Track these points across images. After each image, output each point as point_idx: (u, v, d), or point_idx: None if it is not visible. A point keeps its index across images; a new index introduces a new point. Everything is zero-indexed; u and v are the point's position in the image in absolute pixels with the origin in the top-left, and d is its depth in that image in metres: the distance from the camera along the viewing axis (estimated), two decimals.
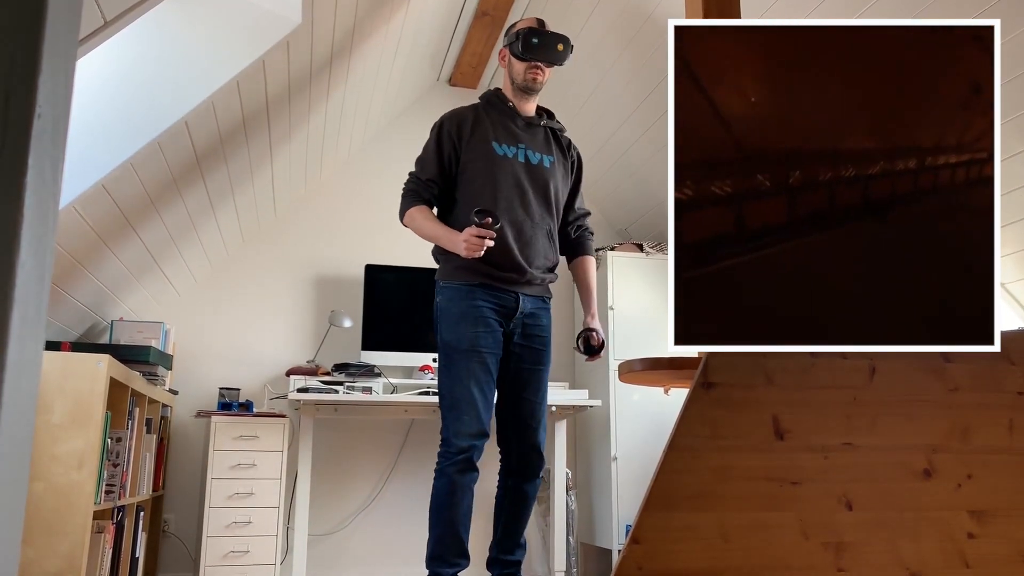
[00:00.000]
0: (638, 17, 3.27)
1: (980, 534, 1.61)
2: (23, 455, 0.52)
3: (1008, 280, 3.09)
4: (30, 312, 0.50)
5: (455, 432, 2.21)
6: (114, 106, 2.24)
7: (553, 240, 2.43)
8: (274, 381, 3.85)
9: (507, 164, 2.35)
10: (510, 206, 2.32)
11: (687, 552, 1.50)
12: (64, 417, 2.30)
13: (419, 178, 2.40)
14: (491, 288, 2.29)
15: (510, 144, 2.38)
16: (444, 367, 2.28)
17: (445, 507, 2.21)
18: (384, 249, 4.08)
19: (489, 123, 2.40)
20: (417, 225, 2.36)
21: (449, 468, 2.21)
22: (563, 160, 2.50)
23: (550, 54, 2.37)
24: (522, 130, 2.43)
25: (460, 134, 2.38)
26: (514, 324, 2.33)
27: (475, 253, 2.16)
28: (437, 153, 2.38)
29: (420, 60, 4.05)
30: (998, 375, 1.74)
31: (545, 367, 2.39)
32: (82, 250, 2.58)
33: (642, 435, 3.82)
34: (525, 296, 2.35)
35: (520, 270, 2.31)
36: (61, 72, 0.53)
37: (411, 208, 2.37)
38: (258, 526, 3.24)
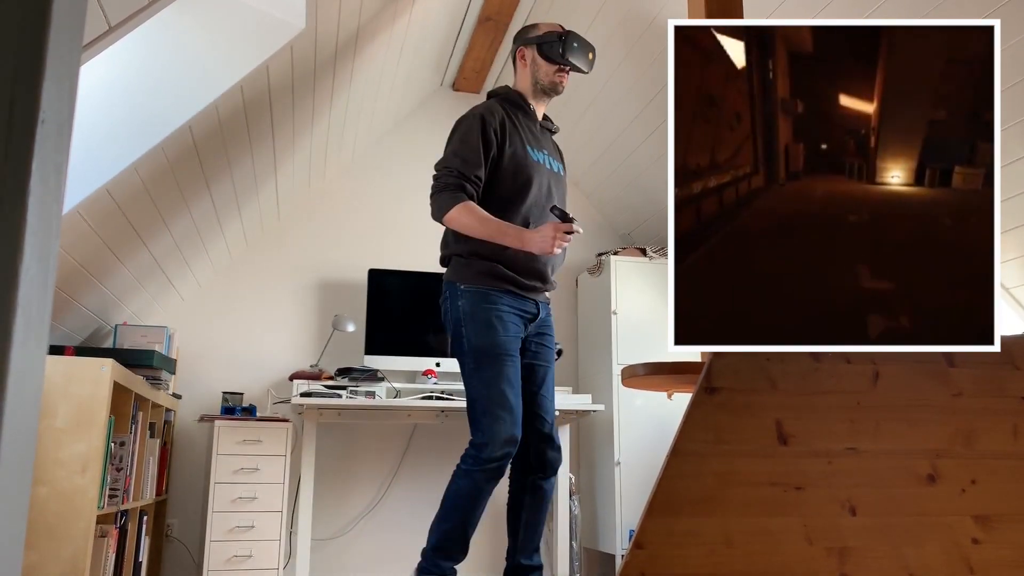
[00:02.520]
0: (640, 23, 3.27)
1: (985, 539, 1.60)
2: (26, 459, 0.52)
3: (1012, 285, 3.09)
4: (34, 317, 0.50)
5: (491, 438, 2.13)
6: (118, 110, 2.24)
7: None
8: (277, 385, 3.85)
9: (539, 169, 2.33)
10: (541, 212, 2.30)
11: (690, 557, 1.49)
12: (68, 421, 2.31)
13: (460, 172, 2.20)
14: (515, 295, 2.27)
15: (537, 148, 2.36)
16: (475, 371, 2.20)
17: (464, 508, 2.16)
18: (388, 253, 4.09)
19: (519, 124, 2.36)
20: (470, 221, 2.18)
21: (479, 474, 2.13)
22: (563, 167, 2.53)
23: (584, 60, 2.39)
24: (540, 135, 2.43)
25: (502, 131, 2.27)
26: (533, 329, 2.35)
27: (553, 251, 2.11)
28: (483, 145, 2.23)
29: (423, 65, 4.06)
30: (1002, 380, 1.73)
31: (552, 364, 2.43)
32: (86, 255, 2.59)
33: (645, 440, 3.81)
34: (541, 303, 2.38)
35: (544, 279, 2.33)
36: (65, 78, 0.54)
37: (458, 204, 2.18)
38: (261, 530, 3.24)
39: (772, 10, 2.77)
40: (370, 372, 3.68)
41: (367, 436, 3.96)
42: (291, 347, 3.97)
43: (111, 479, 2.53)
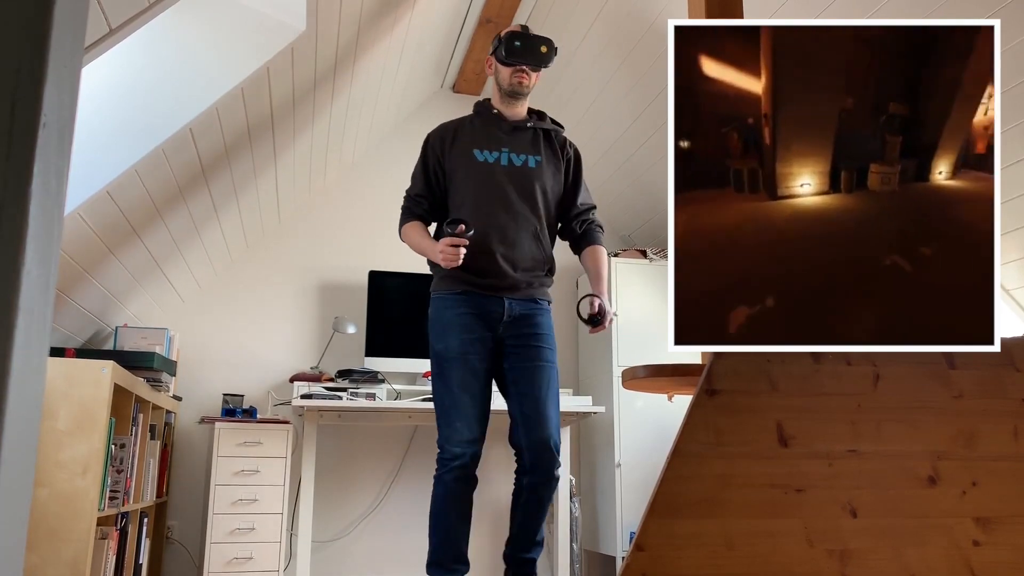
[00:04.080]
0: (641, 25, 3.28)
1: (986, 541, 1.60)
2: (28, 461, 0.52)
3: (1012, 287, 3.09)
4: (35, 319, 0.50)
5: (447, 439, 2.23)
6: (119, 112, 2.24)
7: (541, 240, 2.39)
8: (278, 387, 3.85)
9: (488, 169, 2.36)
10: (492, 211, 2.32)
11: (691, 559, 1.49)
12: (68, 423, 2.31)
13: (409, 194, 2.46)
14: (475, 295, 2.29)
15: (492, 149, 2.38)
16: (436, 376, 2.31)
17: (442, 514, 2.23)
18: (388, 255, 4.08)
19: (473, 131, 2.43)
20: (408, 241, 2.42)
21: (446, 476, 2.22)
22: (554, 159, 2.46)
23: (533, 57, 2.37)
24: (506, 134, 2.42)
25: (442, 147, 2.42)
26: (504, 329, 2.31)
27: (452, 263, 2.20)
28: (423, 168, 2.44)
29: (424, 67, 4.07)
30: (1003, 381, 1.73)
31: (547, 364, 2.32)
32: (87, 257, 2.59)
33: (646, 442, 3.81)
34: (513, 300, 2.32)
35: (502, 275, 2.30)
36: (66, 81, 0.54)
37: (404, 225, 2.43)
38: (262, 532, 3.24)
39: (774, 11, 2.77)
40: (370, 374, 3.68)
41: (368, 438, 3.96)
42: (291, 349, 3.97)
43: (112, 481, 2.53)
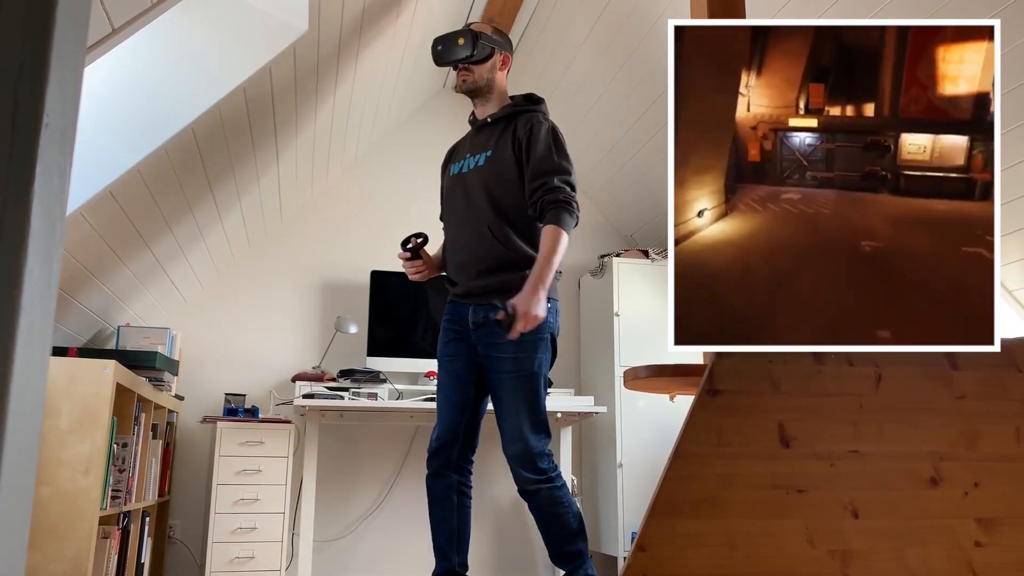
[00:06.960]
0: (642, 26, 3.27)
1: (987, 542, 1.60)
2: (30, 460, 0.52)
3: (1015, 287, 3.08)
4: (37, 318, 0.50)
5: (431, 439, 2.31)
6: (121, 112, 2.25)
7: (498, 234, 2.23)
8: (280, 387, 3.85)
9: (452, 182, 2.41)
10: (450, 222, 2.40)
11: (693, 559, 1.49)
12: (71, 422, 2.31)
13: None
14: (454, 303, 2.35)
15: (459, 160, 2.42)
16: None
17: (431, 512, 2.30)
18: (390, 255, 4.06)
19: (462, 146, 2.48)
20: None
21: (428, 472, 2.30)
22: (507, 144, 2.29)
23: (452, 53, 2.35)
24: (472, 138, 2.43)
25: (442, 169, 2.52)
26: (475, 337, 2.26)
27: (414, 278, 2.39)
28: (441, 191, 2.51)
29: (425, 66, 4.06)
30: (1005, 382, 1.73)
31: (506, 375, 2.17)
32: (89, 256, 2.59)
33: (647, 442, 3.81)
34: (474, 307, 2.25)
35: (461, 283, 2.32)
36: (69, 81, 0.54)
37: None
38: (263, 532, 3.24)
39: (776, 10, 2.77)
40: (372, 373, 3.68)
41: (369, 438, 3.97)
42: (293, 348, 3.97)
43: (114, 480, 2.53)
